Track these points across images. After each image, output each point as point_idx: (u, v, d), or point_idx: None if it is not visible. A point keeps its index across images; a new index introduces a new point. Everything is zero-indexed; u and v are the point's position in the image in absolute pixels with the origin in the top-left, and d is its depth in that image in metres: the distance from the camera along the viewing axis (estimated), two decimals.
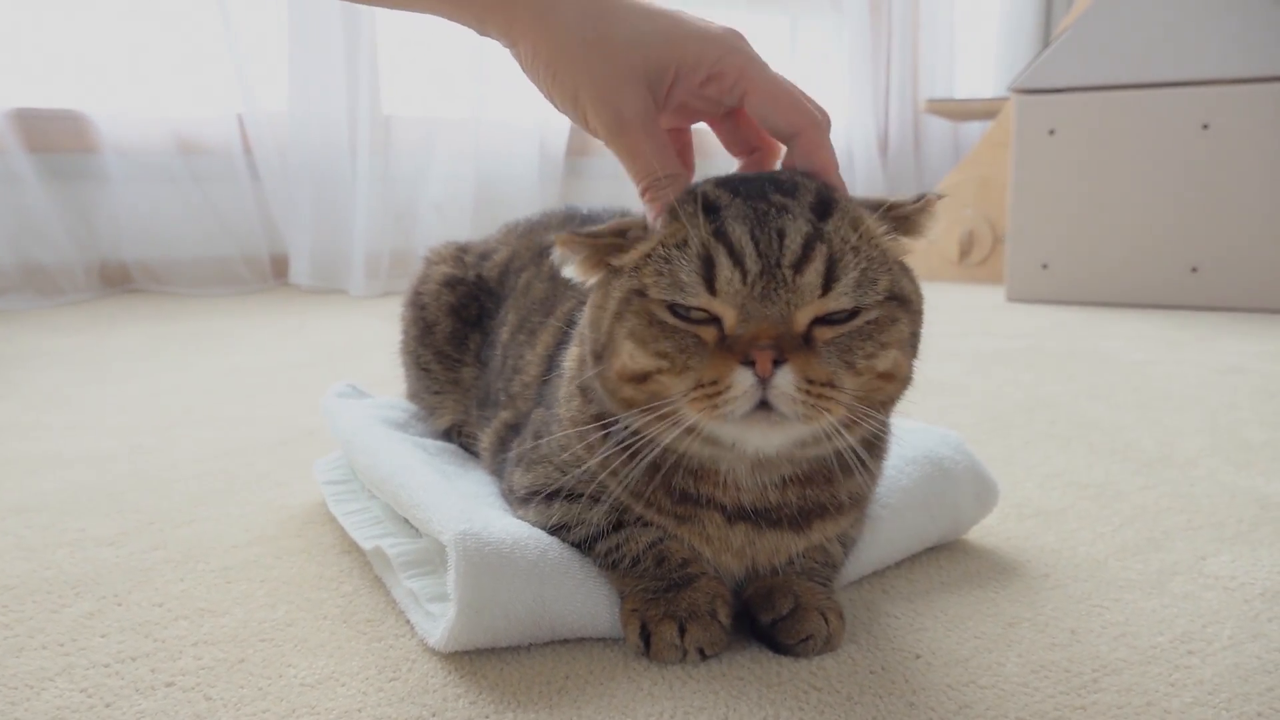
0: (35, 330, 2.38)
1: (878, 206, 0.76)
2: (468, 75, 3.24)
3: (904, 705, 0.73)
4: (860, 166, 4.28)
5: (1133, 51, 2.74)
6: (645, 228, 0.76)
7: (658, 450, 0.76)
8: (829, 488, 0.81)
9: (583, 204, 1.22)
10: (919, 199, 0.77)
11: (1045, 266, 2.91)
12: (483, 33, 0.80)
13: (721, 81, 0.79)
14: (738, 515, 0.80)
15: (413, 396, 1.22)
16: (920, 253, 0.81)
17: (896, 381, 0.75)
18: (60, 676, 0.76)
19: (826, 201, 0.74)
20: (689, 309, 0.71)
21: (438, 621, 0.79)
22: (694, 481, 0.80)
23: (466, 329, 1.17)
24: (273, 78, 3.06)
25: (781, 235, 0.71)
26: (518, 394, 1.01)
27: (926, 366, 0.82)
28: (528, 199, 3.31)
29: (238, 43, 2.95)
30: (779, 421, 0.69)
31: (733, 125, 0.87)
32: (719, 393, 0.68)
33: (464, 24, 0.80)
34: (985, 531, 1.06)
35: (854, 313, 0.71)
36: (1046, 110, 2.85)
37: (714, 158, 0.98)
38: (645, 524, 0.82)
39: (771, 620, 0.80)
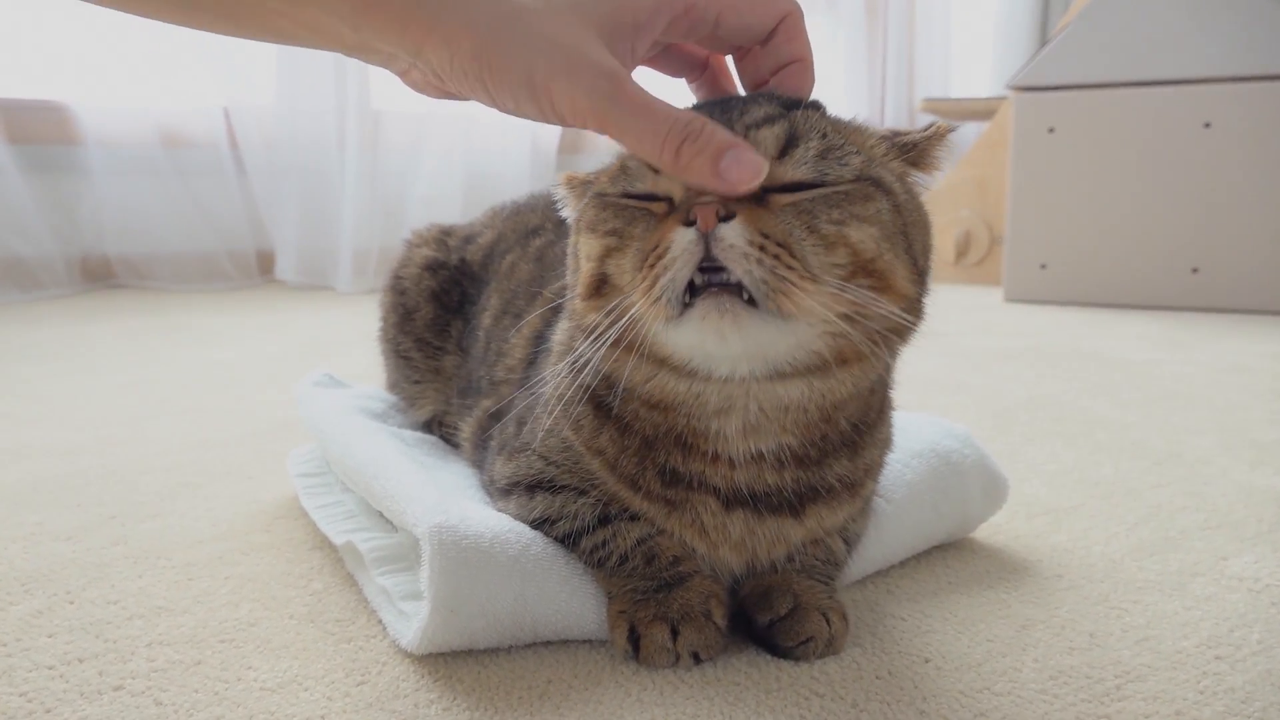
0: (12, 324, 2.31)
1: (886, 137, 0.72)
2: None
3: (914, 713, 0.67)
4: None
5: (1134, 48, 2.69)
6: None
7: (649, 423, 0.70)
8: (819, 469, 0.75)
9: None
10: (928, 127, 0.72)
11: (1044, 267, 2.87)
12: (362, 53, 0.66)
13: (691, 15, 0.67)
14: (734, 500, 0.74)
15: (392, 387, 1.17)
16: None
17: (889, 288, 0.65)
18: None
19: (798, 101, 0.69)
20: (639, 195, 0.66)
21: (411, 621, 0.74)
22: (683, 457, 0.73)
23: (448, 315, 1.11)
24: (260, 71, 3.00)
25: (743, 111, 0.66)
26: (501, 380, 0.95)
27: (925, 365, 0.77)
28: (518, 196, 3.25)
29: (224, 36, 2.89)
30: (735, 310, 0.60)
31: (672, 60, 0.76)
32: (659, 259, 0.61)
33: (330, 47, 0.66)
34: (993, 529, 1.01)
35: (816, 186, 0.64)
36: (1046, 108, 2.81)
37: None
38: (634, 518, 0.77)
39: (769, 621, 0.75)
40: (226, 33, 0.66)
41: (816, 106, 0.71)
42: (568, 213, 0.77)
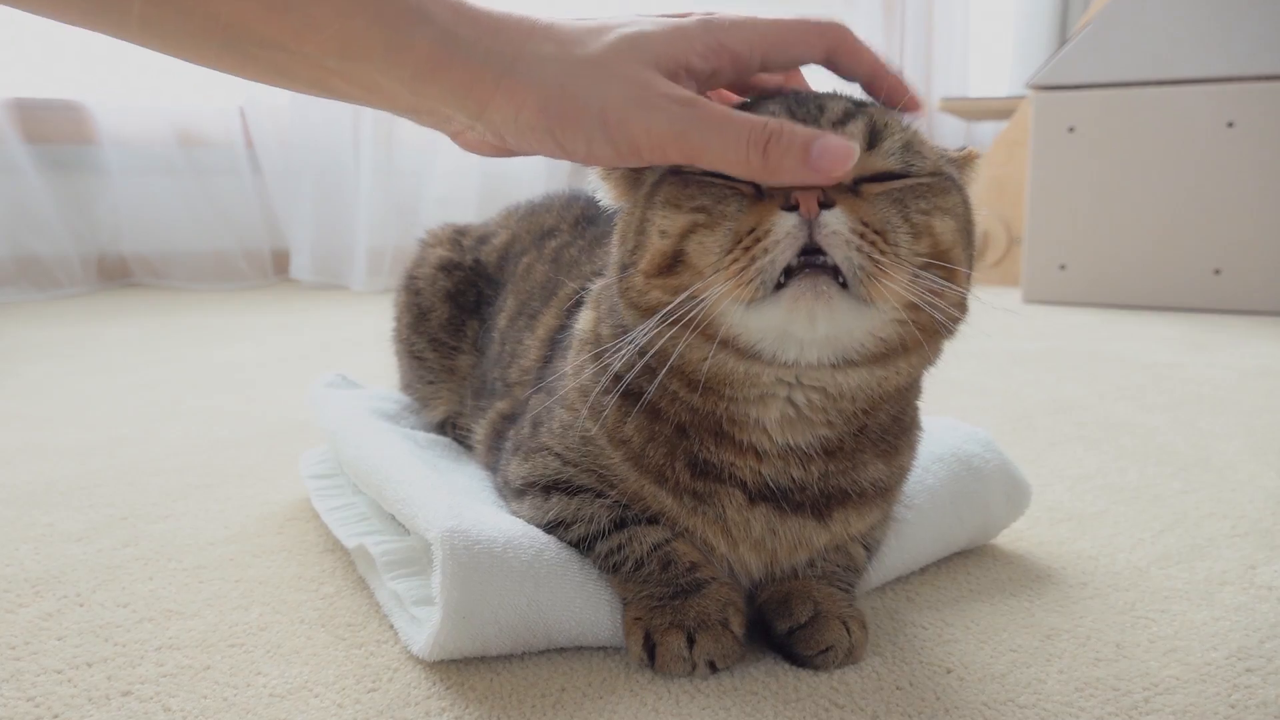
0: (28, 323, 2.32)
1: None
2: None
3: None
4: None
5: (1155, 47, 2.66)
6: None
7: (686, 405, 0.70)
8: (852, 469, 0.74)
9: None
10: (961, 149, 0.73)
11: (1063, 267, 2.83)
12: (417, 115, 0.67)
13: (737, 64, 0.68)
14: (759, 495, 0.73)
15: (406, 387, 1.16)
16: None
17: (955, 278, 0.65)
18: (7, 683, 0.69)
19: (862, 100, 0.70)
20: (724, 175, 0.64)
21: (423, 627, 0.72)
22: (715, 447, 0.71)
23: (463, 315, 1.10)
24: None
25: (821, 107, 0.66)
26: (515, 382, 0.94)
27: (943, 367, 0.75)
28: (533, 196, 3.24)
29: None
30: (830, 292, 0.60)
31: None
32: (757, 242, 0.60)
33: (385, 108, 0.66)
34: (1015, 536, 0.99)
35: (903, 177, 0.65)
36: (1066, 107, 2.78)
37: None
38: (651, 522, 0.75)
39: (789, 629, 0.73)
40: (278, 85, 0.65)
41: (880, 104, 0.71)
42: (601, 195, 0.74)
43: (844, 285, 0.61)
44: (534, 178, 3.29)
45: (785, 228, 0.60)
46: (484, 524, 0.74)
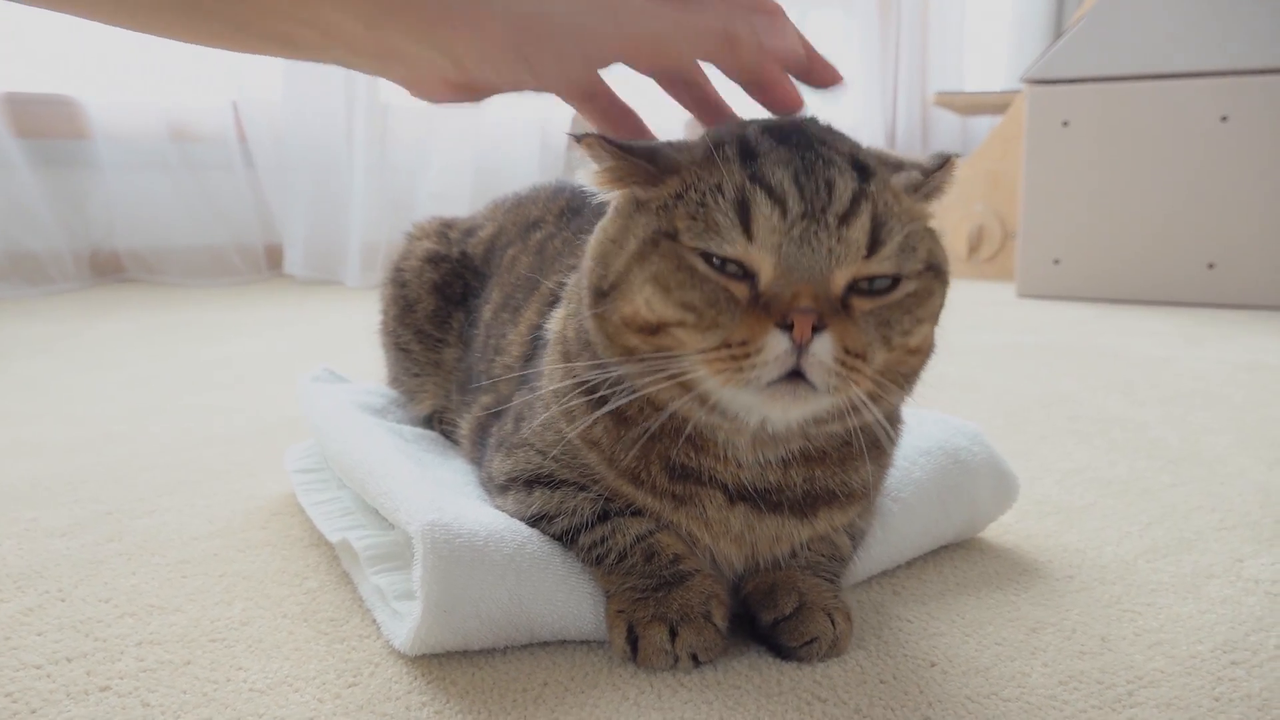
0: (20, 319, 2.31)
1: (897, 166, 0.71)
2: None
3: (919, 719, 0.65)
4: None
5: (1150, 41, 2.66)
6: (680, 158, 0.68)
7: (654, 420, 0.70)
8: (841, 471, 0.74)
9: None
10: (941, 160, 0.72)
11: (1057, 262, 2.83)
12: (370, 59, 0.66)
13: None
14: (739, 496, 0.73)
15: (393, 381, 1.15)
16: None
17: (921, 354, 0.71)
18: None
19: (863, 161, 0.68)
20: (724, 260, 0.64)
21: (404, 621, 0.72)
22: (695, 453, 0.72)
23: (449, 307, 1.09)
24: (268, 64, 2.99)
25: (830, 186, 0.65)
26: (499, 377, 0.94)
27: (936, 362, 0.76)
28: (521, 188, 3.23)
29: None
30: (804, 395, 0.63)
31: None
32: (746, 355, 0.62)
33: (337, 55, 0.65)
34: (1003, 529, 0.99)
35: (894, 282, 0.66)
36: (1060, 101, 2.77)
37: None
38: (635, 514, 0.75)
39: (773, 620, 0.73)
40: (238, 46, 0.65)
41: (871, 165, 0.69)
42: (583, 176, 0.72)
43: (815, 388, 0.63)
44: (528, 171, 3.29)
45: (777, 350, 0.61)
46: (466, 517, 0.73)
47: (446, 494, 0.80)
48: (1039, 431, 1.38)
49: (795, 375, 0.62)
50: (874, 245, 0.65)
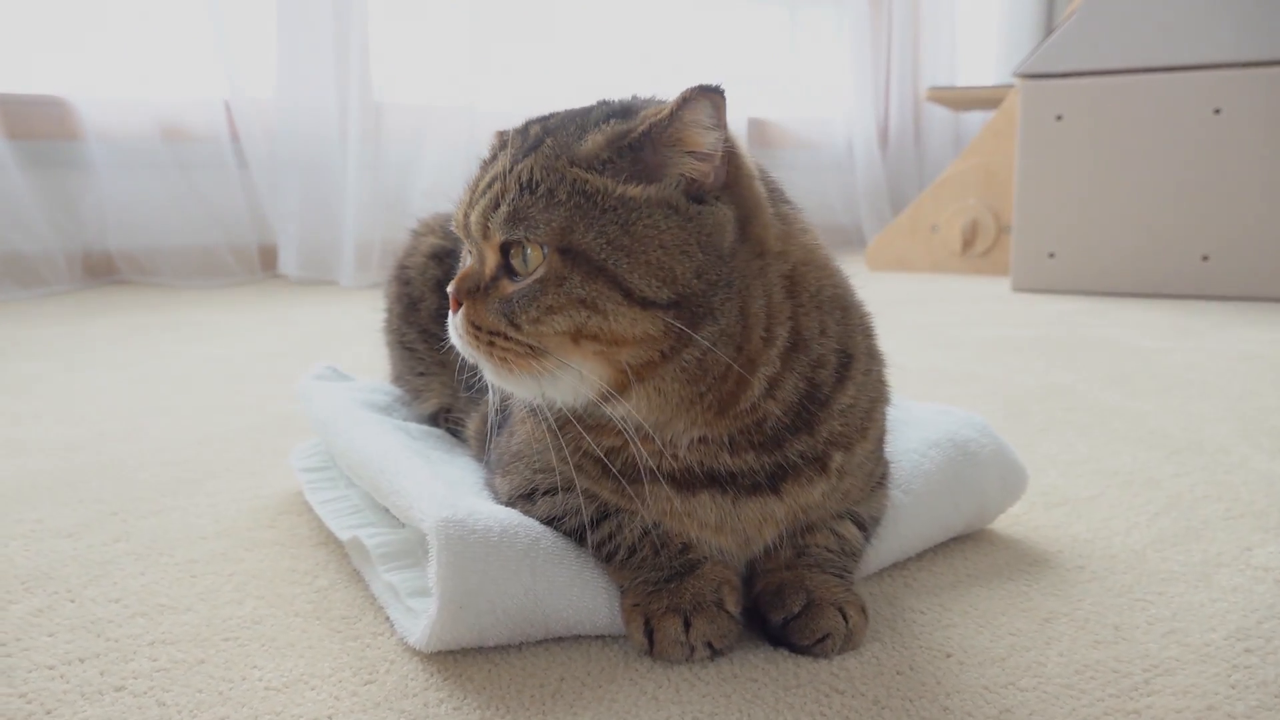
0: (12, 321, 2.30)
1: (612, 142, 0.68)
2: (462, 62, 3.17)
3: (938, 710, 0.65)
4: (860, 158, 4.21)
5: (1143, 34, 2.66)
6: None
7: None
8: (778, 449, 0.72)
9: None
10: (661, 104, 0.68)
11: (1052, 256, 2.84)
12: None
13: None
14: (689, 482, 0.72)
15: (397, 379, 1.15)
16: (923, 244, 0.74)
17: (613, 341, 0.67)
18: None
19: (543, 138, 0.70)
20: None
21: (419, 618, 0.72)
22: (594, 435, 0.73)
23: None
24: (260, 63, 2.98)
25: (487, 174, 0.72)
26: None
27: (934, 355, 0.76)
28: None
29: (224, 27, 2.87)
30: (500, 372, 0.70)
31: None
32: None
33: None
34: (1011, 520, 0.99)
35: (542, 259, 0.67)
36: (1053, 95, 2.78)
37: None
38: (634, 511, 0.75)
39: (783, 620, 0.73)
40: None
41: (546, 141, 0.70)
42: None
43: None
44: None
45: (454, 325, 0.71)
46: (479, 514, 0.73)
47: (458, 491, 0.80)
48: (1039, 423, 1.38)
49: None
50: (486, 226, 0.69)
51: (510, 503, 0.81)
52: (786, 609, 0.73)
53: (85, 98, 2.80)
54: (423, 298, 1.10)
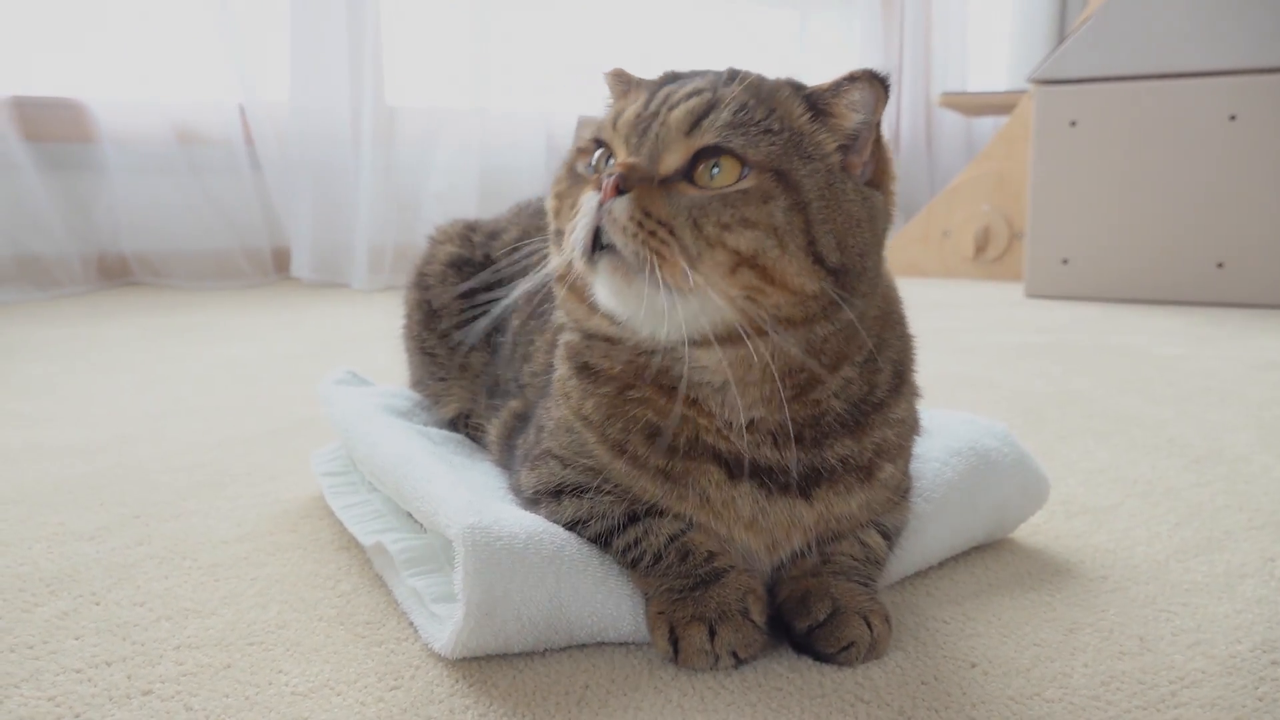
0: (28, 322, 2.31)
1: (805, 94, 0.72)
2: (472, 66, 3.18)
3: None
4: None
5: (1158, 40, 2.66)
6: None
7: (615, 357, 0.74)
8: (818, 448, 0.73)
9: None
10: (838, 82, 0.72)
11: (1066, 262, 2.83)
12: None
13: None
14: (738, 470, 0.73)
15: (417, 384, 1.15)
16: (935, 250, 0.76)
17: (774, 283, 0.67)
18: (26, 683, 0.68)
19: (739, 74, 0.73)
20: (593, 147, 0.73)
21: (444, 624, 0.72)
22: (664, 402, 0.73)
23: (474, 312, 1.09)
24: (274, 67, 2.99)
25: (684, 87, 0.72)
26: (526, 384, 0.94)
27: (949, 361, 0.77)
28: (533, 190, 3.21)
29: (239, 31, 2.88)
30: (621, 268, 0.66)
31: None
32: (574, 214, 0.69)
33: None
34: (1032, 529, 0.98)
35: (738, 179, 0.67)
36: (1067, 101, 2.77)
37: None
38: (662, 514, 0.75)
39: (807, 627, 0.73)
40: None
41: (748, 75, 0.73)
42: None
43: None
44: (534, 170, 3.29)
45: (588, 206, 0.67)
46: (504, 520, 0.73)
47: (482, 497, 0.80)
48: (1058, 431, 1.38)
49: (609, 248, 0.66)
50: (695, 124, 0.68)
51: (534, 499, 0.81)
52: (812, 617, 0.73)
53: (100, 101, 2.81)
54: (443, 305, 1.10)
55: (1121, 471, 1.18)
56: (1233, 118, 2.60)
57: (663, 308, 0.66)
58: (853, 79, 0.70)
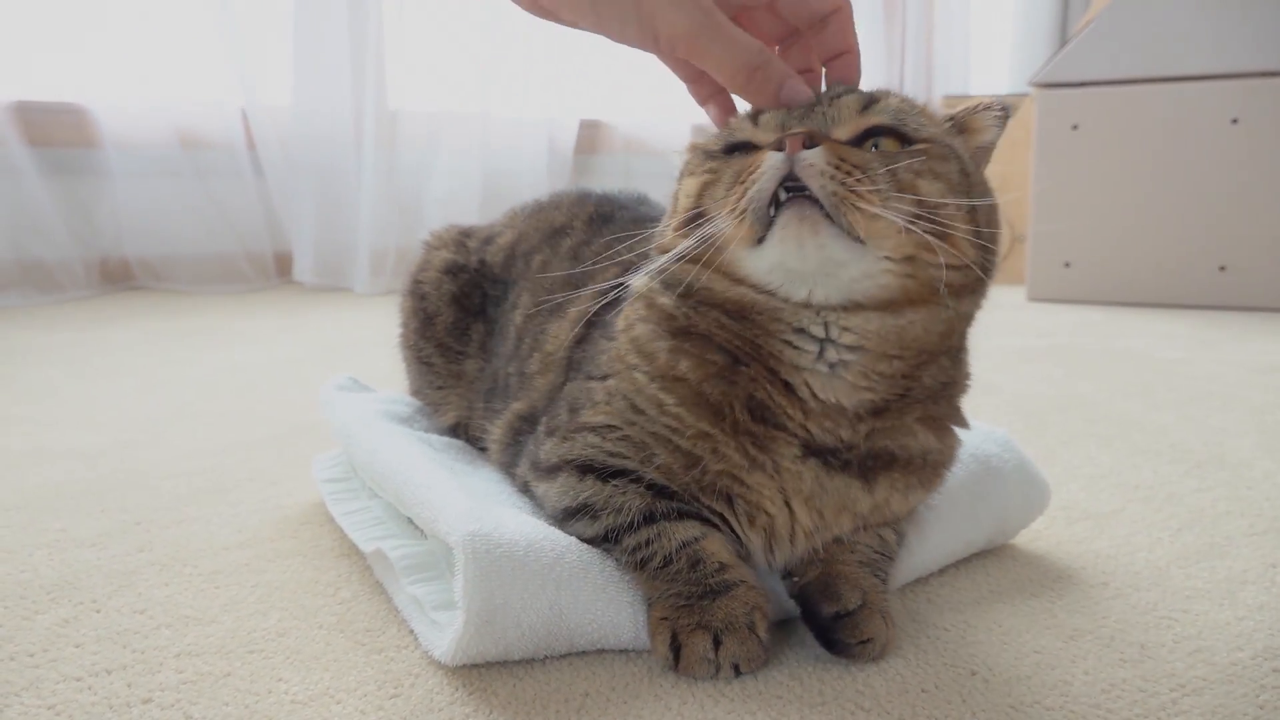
0: (31, 327, 2.31)
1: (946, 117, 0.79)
2: (475, 69, 3.18)
3: None
4: None
5: (1160, 43, 2.66)
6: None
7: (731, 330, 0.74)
8: (899, 432, 0.75)
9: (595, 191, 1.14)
10: (975, 106, 0.79)
11: (1068, 265, 2.83)
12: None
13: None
14: (811, 450, 0.74)
15: (416, 393, 1.15)
16: None
17: (949, 240, 0.69)
18: (27, 691, 0.68)
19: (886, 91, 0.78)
20: (734, 145, 0.75)
21: (444, 631, 0.72)
22: (770, 387, 0.73)
23: (469, 319, 1.09)
24: (277, 71, 2.99)
25: (827, 90, 0.77)
26: (535, 372, 0.93)
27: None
28: (536, 195, 3.22)
29: (241, 35, 2.89)
30: (813, 216, 0.66)
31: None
32: (750, 176, 0.68)
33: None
34: (1033, 535, 0.98)
35: (902, 147, 0.71)
36: (1070, 104, 2.77)
37: None
38: (681, 517, 0.75)
39: (835, 613, 0.73)
40: None
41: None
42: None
43: (829, 218, 0.66)
44: (536, 175, 3.29)
45: (771, 162, 0.67)
46: (505, 527, 0.73)
47: (482, 503, 0.80)
48: (1059, 435, 1.38)
49: (802, 197, 0.66)
50: (867, 106, 0.73)
51: (553, 471, 0.80)
52: (842, 603, 0.73)
53: (102, 105, 2.81)
54: (438, 312, 1.10)
55: (1123, 476, 1.18)
56: (1235, 121, 2.60)
57: (840, 260, 0.67)
58: (987, 106, 0.78)
